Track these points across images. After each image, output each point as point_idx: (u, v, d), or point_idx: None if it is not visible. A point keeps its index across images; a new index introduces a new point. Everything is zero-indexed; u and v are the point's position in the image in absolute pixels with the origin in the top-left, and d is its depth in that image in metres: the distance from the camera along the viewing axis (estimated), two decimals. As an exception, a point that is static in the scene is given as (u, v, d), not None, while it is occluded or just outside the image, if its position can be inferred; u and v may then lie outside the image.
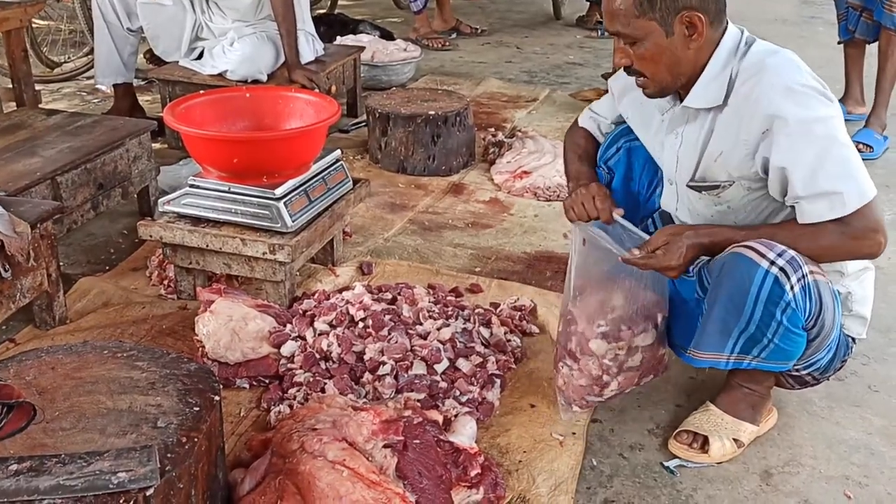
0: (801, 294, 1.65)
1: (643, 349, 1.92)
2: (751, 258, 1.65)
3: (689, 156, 1.86)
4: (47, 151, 2.61)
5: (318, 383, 1.99)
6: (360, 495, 1.45)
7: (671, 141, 1.90)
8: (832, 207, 1.66)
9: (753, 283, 1.64)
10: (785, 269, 1.63)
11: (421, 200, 3.33)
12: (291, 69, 3.60)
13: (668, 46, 1.75)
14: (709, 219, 1.89)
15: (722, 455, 1.89)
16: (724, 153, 1.79)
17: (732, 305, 1.69)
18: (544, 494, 1.75)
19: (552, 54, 6.01)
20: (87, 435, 1.39)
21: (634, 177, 2.12)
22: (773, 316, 1.66)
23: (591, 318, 1.89)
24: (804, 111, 1.67)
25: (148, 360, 1.61)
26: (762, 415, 1.96)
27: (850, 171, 1.68)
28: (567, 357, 1.95)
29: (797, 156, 1.67)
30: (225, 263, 2.35)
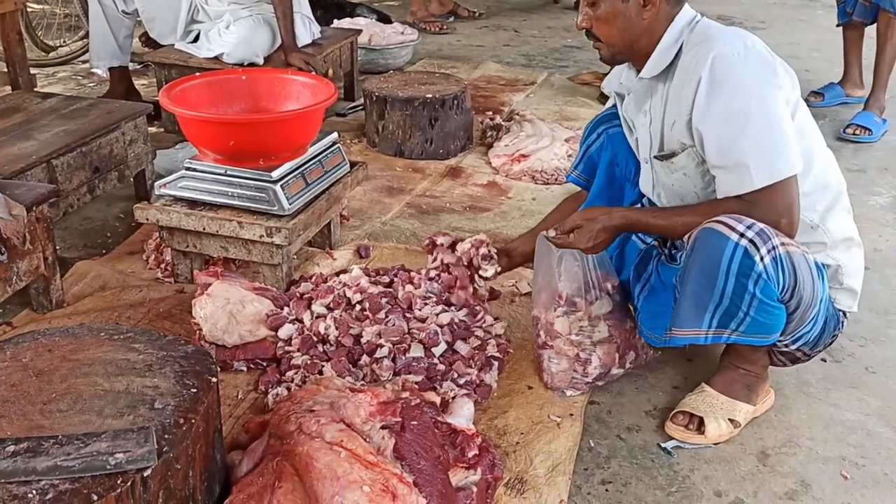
0: (773, 265, 1.66)
1: (605, 317, 1.99)
2: (720, 231, 1.67)
3: (656, 130, 1.92)
4: (43, 135, 2.60)
5: (315, 366, 1.99)
6: (358, 475, 1.45)
7: (641, 120, 1.96)
8: (741, 182, 1.71)
9: (724, 255, 1.66)
10: (754, 240, 1.64)
11: (418, 184, 3.32)
12: (288, 52, 3.58)
13: (623, 11, 1.82)
14: (671, 188, 1.94)
15: (718, 435, 1.90)
16: (675, 122, 1.83)
17: (705, 279, 1.70)
18: (542, 475, 1.76)
19: (550, 38, 5.98)
20: (85, 416, 1.39)
21: (620, 162, 2.15)
22: (745, 288, 1.67)
23: (548, 305, 1.98)
24: (727, 79, 1.71)
25: (144, 342, 1.60)
26: (758, 395, 1.97)
27: (765, 146, 1.69)
28: (543, 350, 2.02)
29: (714, 123, 1.73)
30: (222, 246, 2.35)
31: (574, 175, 2.29)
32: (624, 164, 2.14)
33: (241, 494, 1.49)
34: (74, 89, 4.41)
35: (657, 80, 1.89)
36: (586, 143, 2.22)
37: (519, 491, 1.71)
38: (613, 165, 2.16)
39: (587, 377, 2.00)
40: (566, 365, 1.99)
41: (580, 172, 2.27)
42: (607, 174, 2.17)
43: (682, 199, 1.94)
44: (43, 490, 1.22)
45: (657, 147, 1.93)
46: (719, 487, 1.78)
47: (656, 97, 1.90)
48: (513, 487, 1.72)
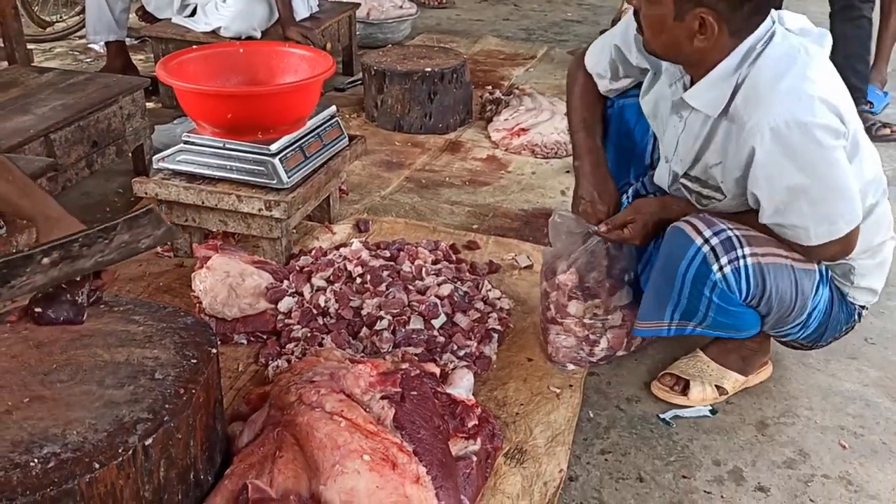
0: (734, 275, 1.65)
1: (622, 308, 1.97)
2: (686, 232, 1.67)
3: (687, 147, 1.77)
4: (40, 109, 2.58)
5: (315, 338, 2.00)
6: (358, 445, 1.45)
7: (674, 122, 1.80)
8: (796, 237, 1.66)
9: (684, 258, 1.66)
10: (716, 248, 1.63)
11: (418, 158, 3.31)
12: (285, 26, 3.55)
13: (673, 28, 1.61)
14: (697, 205, 1.83)
15: (701, 399, 1.91)
16: (721, 164, 1.70)
17: (665, 277, 1.72)
18: (541, 445, 1.76)
19: (550, 11, 5.94)
20: (85, 387, 1.39)
21: (628, 130, 2.08)
22: (701, 293, 1.69)
23: (564, 286, 1.95)
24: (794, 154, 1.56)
25: (144, 313, 1.60)
26: (753, 367, 1.97)
27: (824, 212, 1.61)
28: (551, 325, 2.01)
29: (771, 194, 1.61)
30: (221, 220, 2.34)
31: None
32: (632, 132, 2.05)
33: (242, 464, 1.50)
34: (71, 65, 4.38)
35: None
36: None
37: (519, 461, 1.72)
38: (622, 136, 2.07)
39: (592, 357, 2.00)
40: (573, 342, 1.99)
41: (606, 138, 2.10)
42: (616, 143, 2.07)
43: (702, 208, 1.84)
44: (45, 458, 1.23)
45: (685, 167, 1.79)
46: (718, 457, 1.79)
47: (699, 117, 1.72)
48: (512, 457, 1.73)
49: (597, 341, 1.99)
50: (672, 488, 1.70)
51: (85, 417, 1.31)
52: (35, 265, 1.36)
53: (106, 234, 1.39)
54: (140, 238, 1.38)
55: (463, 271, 2.31)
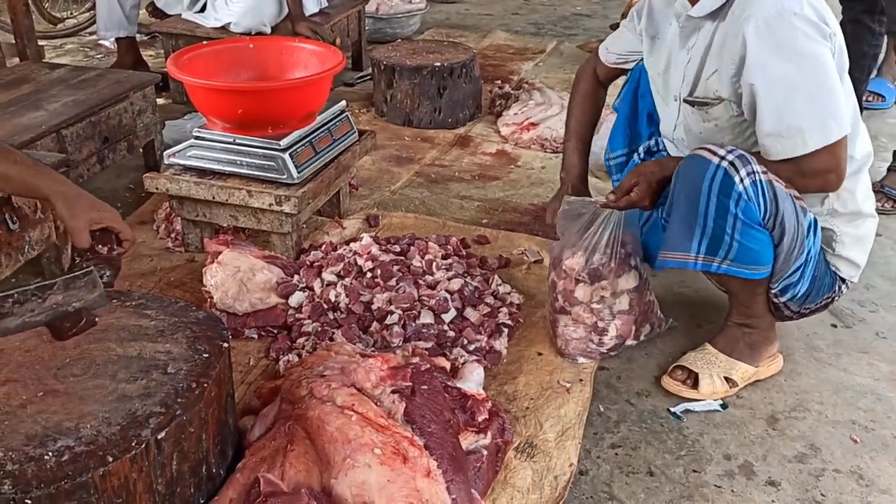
0: (752, 188, 1.69)
1: (629, 292, 1.98)
2: (703, 156, 1.73)
3: (691, 72, 1.89)
4: (52, 105, 2.60)
5: (326, 333, 2.00)
6: (369, 439, 1.46)
7: (682, 57, 1.92)
8: (793, 146, 1.72)
9: (705, 177, 1.70)
10: (734, 162, 1.69)
11: (427, 153, 3.31)
12: (295, 21, 3.56)
13: None
14: (699, 136, 1.93)
15: (711, 392, 1.92)
16: (717, 71, 1.82)
17: (689, 202, 1.74)
18: (552, 440, 1.77)
19: (559, 6, 5.93)
20: (98, 381, 1.40)
21: (644, 93, 2.19)
22: (727, 209, 1.70)
23: (571, 271, 1.97)
24: (785, 43, 1.68)
25: (156, 308, 1.61)
26: (762, 356, 1.97)
27: (818, 109, 1.69)
28: (559, 315, 2.02)
29: (769, 86, 1.70)
30: (231, 215, 2.35)
31: (616, 102, 2.36)
32: (646, 95, 2.18)
33: (253, 458, 1.51)
34: (82, 61, 4.40)
35: (706, 18, 1.84)
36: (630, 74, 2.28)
37: (529, 455, 1.72)
38: (637, 96, 2.21)
39: (602, 347, 2.00)
40: (582, 333, 1.99)
41: (620, 100, 2.32)
42: (630, 105, 2.24)
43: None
44: (59, 452, 1.24)
45: (688, 90, 1.91)
46: (728, 451, 1.78)
47: (701, 36, 1.86)
48: (523, 451, 1.73)
49: (605, 329, 2.00)
50: (682, 482, 1.70)
51: (98, 411, 1.32)
52: None
53: (41, 293, 1.39)
54: (72, 301, 1.38)
55: (473, 266, 2.32)
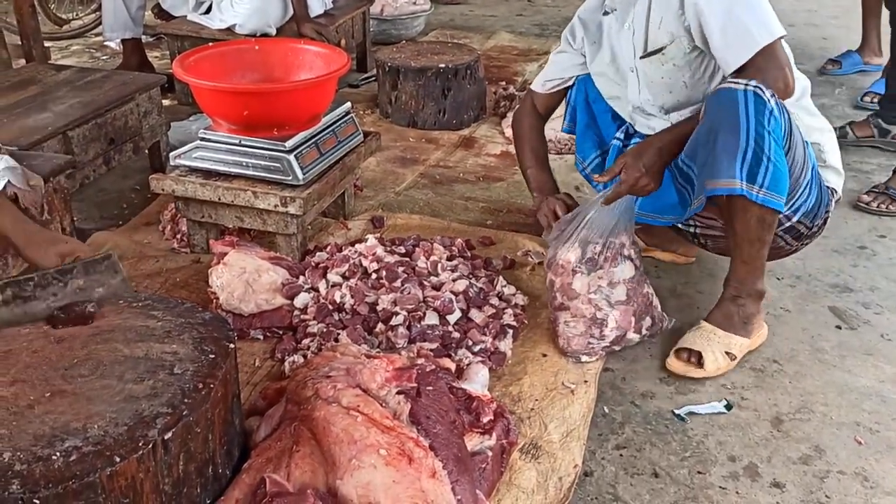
0: (777, 107, 1.85)
1: (625, 282, 2.02)
2: (728, 86, 1.87)
3: (640, 37, 2.09)
4: (58, 106, 2.61)
5: (331, 334, 2.01)
6: (375, 439, 1.46)
7: (625, 35, 2.13)
8: (746, 46, 1.90)
9: (739, 101, 1.83)
10: (759, 86, 1.84)
11: (432, 154, 3.31)
12: (300, 23, 3.57)
13: None
14: (661, 82, 2.10)
15: (717, 368, 1.99)
16: (662, 19, 2.03)
17: (727, 128, 1.84)
18: (556, 441, 1.77)
19: (564, 7, 5.93)
20: (105, 381, 1.41)
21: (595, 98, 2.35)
22: (763, 126, 1.82)
23: (567, 266, 2.02)
24: None
25: (163, 309, 1.62)
26: (753, 328, 2.07)
27: (756, 14, 1.91)
28: (559, 313, 2.04)
29: (709, 5, 1.91)
30: (237, 217, 2.36)
31: (566, 126, 2.50)
32: (598, 100, 2.35)
33: (259, 458, 1.52)
34: (88, 62, 4.42)
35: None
36: (568, 96, 2.45)
37: (534, 456, 1.72)
38: (590, 102, 2.37)
39: (603, 340, 2.01)
40: (582, 328, 2.00)
41: (569, 122, 2.48)
42: (587, 113, 2.38)
43: (670, 92, 2.11)
44: (66, 452, 1.24)
45: (642, 49, 2.09)
46: (733, 452, 1.79)
47: (638, 6, 2.08)
48: (527, 452, 1.73)
49: (604, 321, 2.01)
50: (687, 484, 1.70)
51: (105, 411, 1.33)
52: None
53: (62, 276, 1.41)
54: (94, 285, 1.40)
55: (478, 267, 2.32)
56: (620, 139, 2.30)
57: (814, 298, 2.34)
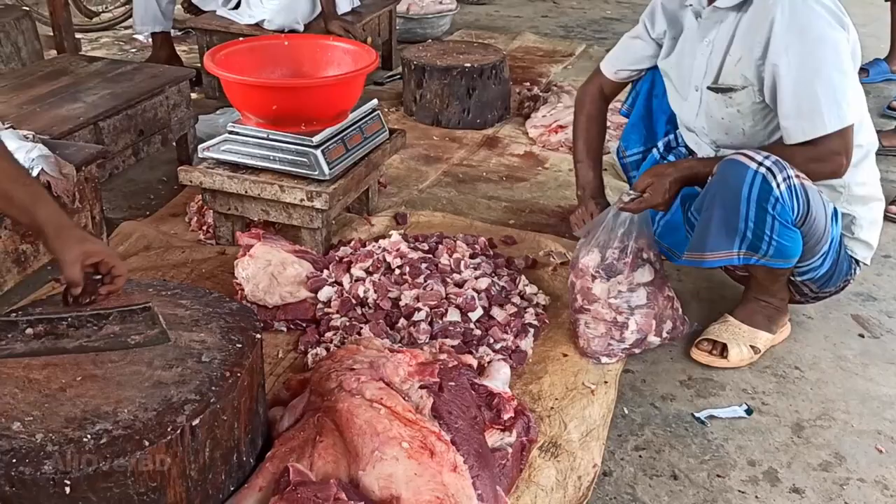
0: (788, 192, 1.78)
1: (645, 286, 2.03)
2: (741, 161, 1.81)
3: (715, 61, 1.99)
4: (89, 97, 2.65)
5: (353, 328, 2.03)
6: (397, 432, 1.48)
7: (702, 49, 2.02)
8: (813, 128, 1.82)
9: (745, 182, 1.79)
10: (771, 168, 1.78)
11: (455, 153, 3.33)
12: (328, 19, 3.59)
13: None
14: (720, 122, 2.03)
15: (740, 360, 2.03)
16: (741, 58, 1.92)
17: (727, 205, 1.82)
18: (576, 440, 1.78)
19: (589, 9, 5.92)
20: (135, 367, 1.43)
21: (658, 94, 2.28)
22: (765, 212, 1.79)
23: (587, 270, 2.02)
24: (807, 27, 1.80)
25: (191, 298, 1.64)
26: (777, 325, 2.10)
27: (835, 95, 1.81)
28: (579, 315, 2.05)
29: (790, 66, 1.82)
30: (263, 210, 2.38)
31: (625, 109, 2.43)
32: (661, 96, 2.27)
33: (283, 447, 1.54)
34: (117, 55, 4.46)
35: (730, 10, 1.94)
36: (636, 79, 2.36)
37: (553, 454, 1.73)
38: (652, 97, 2.30)
39: (623, 342, 2.02)
40: (603, 330, 2.01)
41: (629, 106, 2.40)
42: (646, 105, 2.32)
43: (726, 133, 2.05)
44: (97, 435, 1.27)
45: (712, 78, 1.99)
46: (753, 457, 1.79)
47: (724, 27, 1.96)
48: (547, 451, 1.74)
49: (625, 324, 2.02)
50: (706, 487, 1.70)
51: (135, 397, 1.35)
52: (17, 333, 1.39)
53: (97, 320, 1.42)
54: (130, 334, 1.39)
55: (500, 266, 2.33)
56: (660, 150, 2.29)
57: (837, 306, 2.33)
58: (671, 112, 2.27)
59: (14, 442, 1.25)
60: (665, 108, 2.29)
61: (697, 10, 2.02)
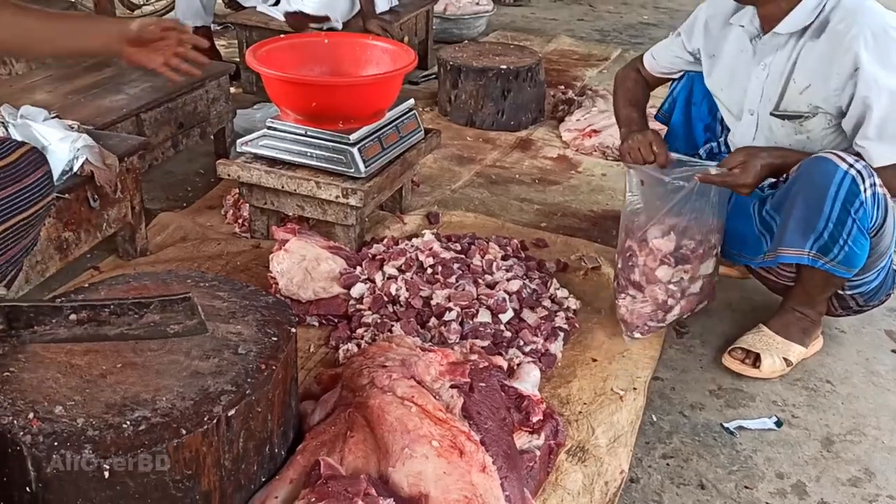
0: (872, 199, 1.79)
1: (704, 277, 2.07)
2: (831, 160, 1.80)
3: (773, 86, 1.98)
4: (132, 89, 2.69)
5: (385, 325, 2.04)
6: (428, 430, 1.49)
7: (758, 72, 2.01)
8: (893, 154, 1.81)
9: (833, 181, 1.78)
10: (861, 172, 1.78)
11: (489, 154, 3.34)
12: (366, 18, 3.62)
13: None
14: (786, 147, 1.99)
15: (772, 371, 2.03)
16: (812, 86, 1.91)
17: (811, 204, 1.82)
18: (603, 445, 1.78)
19: (626, 14, 5.90)
20: (173, 356, 1.45)
21: (696, 101, 2.27)
22: (848, 215, 1.79)
23: (658, 251, 2.03)
24: (890, 56, 1.80)
25: (228, 290, 1.67)
26: (811, 339, 2.09)
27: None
28: (630, 287, 2.09)
29: (880, 95, 1.80)
30: (298, 205, 2.41)
31: (661, 115, 2.42)
32: (699, 104, 2.27)
33: (314, 441, 1.56)
34: (157, 47, 4.52)
35: (790, 35, 1.93)
36: (672, 84, 2.37)
37: (580, 459, 1.74)
38: (690, 104, 2.30)
39: (663, 323, 2.10)
40: (650, 309, 2.07)
41: (665, 112, 2.40)
42: (684, 112, 2.32)
43: None
44: (136, 421, 1.30)
45: (772, 104, 1.99)
46: (781, 470, 1.78)
47: (782, 53, 1.95)
48: (574, 455, 1.75)
49: (672, 307, 2.08)
50: (734, 497, 1.70)
51: (173, 385, 1.38)
52: (61, 318, 1.43)
53: (138, 309, 1.46)
54: (170, 323, 1.44)
55: (532, 269, 2.34)
56: (702, 158, 2.26)
57: (870, 321, 2.31)
58: (709, 119, 2.28)
59: (56, 425, 1.27)
60: (703, 116, 2.29)
61: (752, 33, 2.01)
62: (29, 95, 2.57)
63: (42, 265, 2.00)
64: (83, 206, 2.09)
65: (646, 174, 2.03)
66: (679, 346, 2.17)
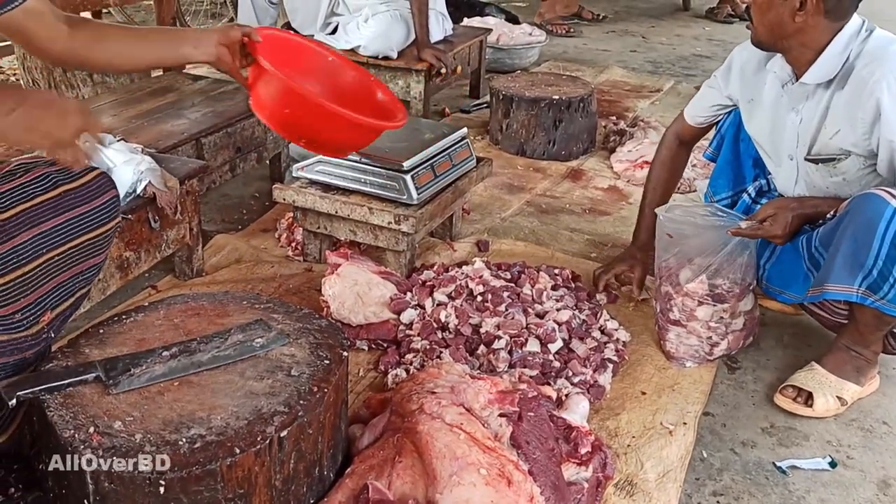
0: None
1: (745, 313, 2.10)
2: (881, 196, 1.79)
3: (807, 132, 2.02)
4: (193, 114, 2.77)
5: (434, 351, 2.06)
6: (476, 458, 1.49)
7: (791, 119, 2.05)
8: None
9: (883, 218, 1.77)
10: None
11: (539, 183, 3.35)
12: (421, 48, 3.67)
13: (777, 6, 1.90)
14: (825, 191, 2.05)
15: (825, 410, 1.99)
16: (840, 131, 1.94)
17: (859, 240, 1.80)
18: (652, 480, 1.76)
19: (679, 45, 5.89)
20: (229, 376, 1.49)
21: (744, 138, 2.29)
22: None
23: (694, 294, 2.07)
24: None
25: (283, 313, 1.70)
26: (866, 377, 2.04)
27: None
28: (672, 326, 2.12)
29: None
30: (351, 230, 2.45)
31: (709, 153, 2.46)
32: (747, 140, 2.28)
33: (362, 465, 1.57)
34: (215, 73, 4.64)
35: (818, 87, 1.98)
36: (720, 122, 2.38)
37: (628, 493, 1.72)
38: (739, 140, 2.32)
39: (711, 356, 2.13)
40: (695, 342, 2.11)
41: (713, 150, 2.43)
42: (732, 150, 2.33)
43: None
44: (192, 439, 1.33)
45: (806, 149, 2.03)
46: (836, 512, 1.74)
47: (813, 101, 2.00)
48: (622, 489, 1.73)
49: (718, 343, 2.11)
50: (786, 538, 1.66)
51: (228, 405, 1.41)
52: (155, 357, 1.50)
53: (222, 335, 1.56)
54: (254, 338, 1.56)
55: (582, 299, 2.33)
56: (751, 195, 2.29)
57: (930, 361, 2.25)
58: (757, 155, 2.28)
59: (115, 440, 1.31)
60: (751, 152, 2.31)
61: (783, 79, 2.05)
62: (95, 119, 2.66)
63: (104, 283, 2.06)
64: (144, 227, 2.15)
65: (673, 229, 2.10)
66: (730, 381, 2.14)
